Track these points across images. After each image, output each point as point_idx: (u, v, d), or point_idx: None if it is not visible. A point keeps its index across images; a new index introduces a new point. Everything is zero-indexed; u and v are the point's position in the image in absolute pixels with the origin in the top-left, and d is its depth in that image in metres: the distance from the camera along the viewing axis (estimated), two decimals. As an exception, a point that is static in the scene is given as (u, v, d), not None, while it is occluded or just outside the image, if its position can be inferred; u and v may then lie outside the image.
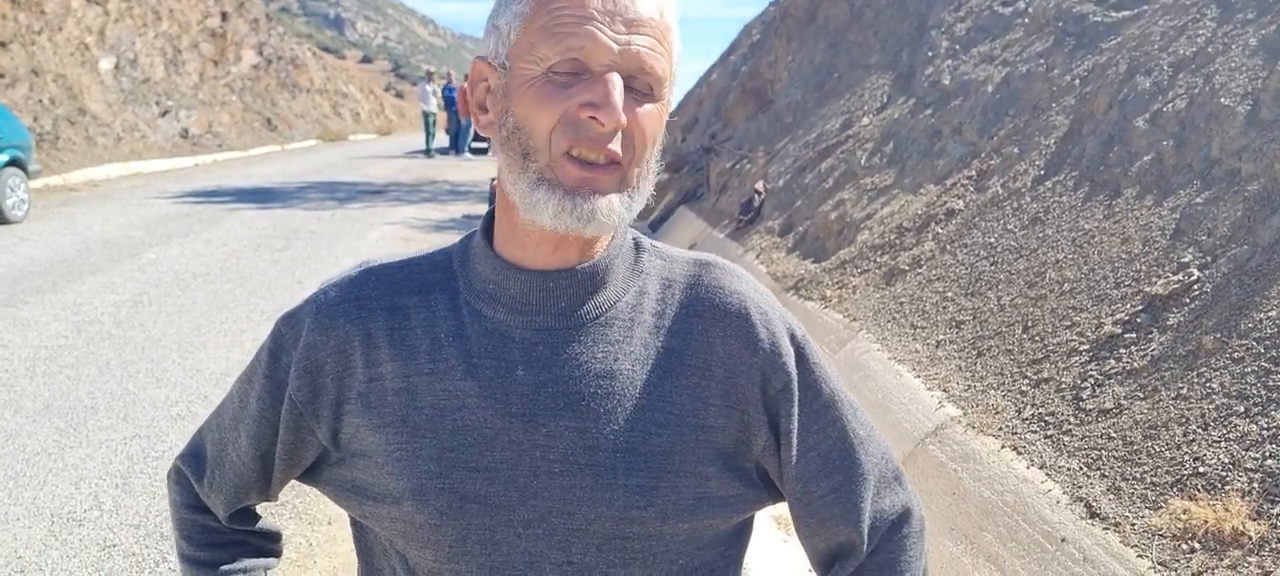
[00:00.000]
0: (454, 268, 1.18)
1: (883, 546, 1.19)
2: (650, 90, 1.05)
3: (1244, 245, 5.31)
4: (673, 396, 1.09)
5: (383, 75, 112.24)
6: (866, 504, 1.17)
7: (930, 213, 8.82)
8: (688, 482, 1.08)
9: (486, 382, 1.08)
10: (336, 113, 34.34)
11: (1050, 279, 6.51)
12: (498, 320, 1.11)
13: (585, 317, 1.10)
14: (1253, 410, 4.43)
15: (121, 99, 21.17)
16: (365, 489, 1.13)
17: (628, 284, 1.14)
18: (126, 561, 3.63)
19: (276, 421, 1.18)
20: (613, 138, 1.02)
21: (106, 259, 8.76)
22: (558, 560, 1.07)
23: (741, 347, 1.12)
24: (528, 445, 1.07)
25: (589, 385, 1.08)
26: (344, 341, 1.14)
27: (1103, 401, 5.14)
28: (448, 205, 14.17)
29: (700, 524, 1.10)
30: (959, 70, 10.80)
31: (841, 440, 1.16)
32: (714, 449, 1.10)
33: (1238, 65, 6.61)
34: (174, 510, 1.34)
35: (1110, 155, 7.15)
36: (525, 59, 1.05)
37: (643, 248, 1.19)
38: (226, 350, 6.14)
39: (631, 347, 1.10)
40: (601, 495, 1.06)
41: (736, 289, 1.15)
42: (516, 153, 1.05)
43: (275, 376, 1.18)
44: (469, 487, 1.07)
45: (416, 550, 1.11)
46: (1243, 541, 3.90)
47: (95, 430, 4.77)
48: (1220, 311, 5.04)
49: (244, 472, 1.24)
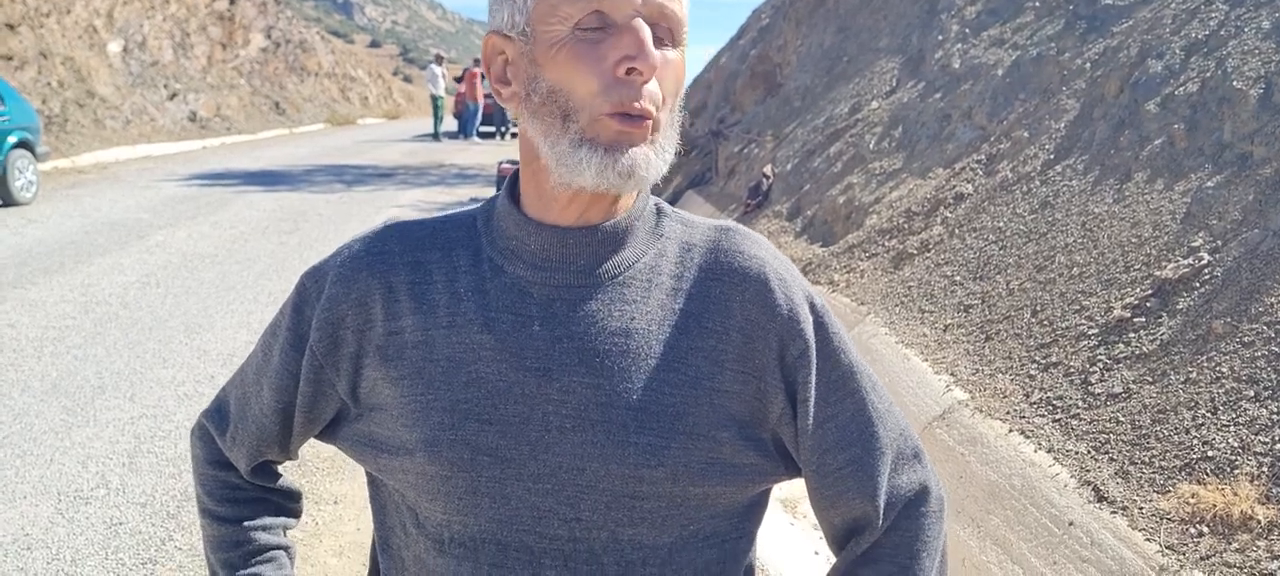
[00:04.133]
0: (478, 226, 1.17)
1: (900, 522, 1.18)
2: (670, 35, 1.04)
3: (1255, 229, 5.27)
4: (688, 357, 1.09)
5: (391, 59, 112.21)
6: (883, 478, 1.16)
7: (939, 197, 8.79)
8: (700, 445, 1.07)
9: (502, 336, 1.08)
10: (345, 97, 34.33)
11: (1059, 263, 6.48)
12: (517, 275, 1.11)
13: (603, 276, 1.10)
14: (1263, 394, 4.41)
15: (130, 82, 21.19)
16: (380, 442, 1.13)
17: (647, 245, 1.14)
18: (133, 539, 3.64)
19: (298, 374, 1.18)
20: (649, 91, 1.01)
21: (114, 241, 8.76)
22: (566, 515, 1.07)
23: (759, 312, 1.11)
24: (540, 399, 1.06)
25: (604, 342, 1.08)
26: (365, 294, 1.14)
27: (1111, 385, 5.12)
28: (455, 188, 14.16)
29: (712, 490, 1.09)
30: (969, 54, 10.75)
31: (859, 412, 1.15)
32: (728, 413, 1.09)
33: (1250, 48, 6.56)
34: (196, 465, 1.34)
35: (1121, 139, 7.10)
36: (548, 21, 1.04)
37: (664, 212, 1.19)
38: (233, 331, 6.14)
39: (648, 308, 1.10)
40: (612, 452, 1.05)
41: (756, 254, 1.14)
42: (556, 115, 1.04)
43: (298, 329, 1.18)
44: (480, 440, 1.07)
45: (427, 502, 1.11)
46: (1251, 525, 3.88)
47: (102, 409, 4.78)
48: (1231, 296, 5.01)
49: (265, 426, 1.24)
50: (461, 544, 1.10)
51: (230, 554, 1.28)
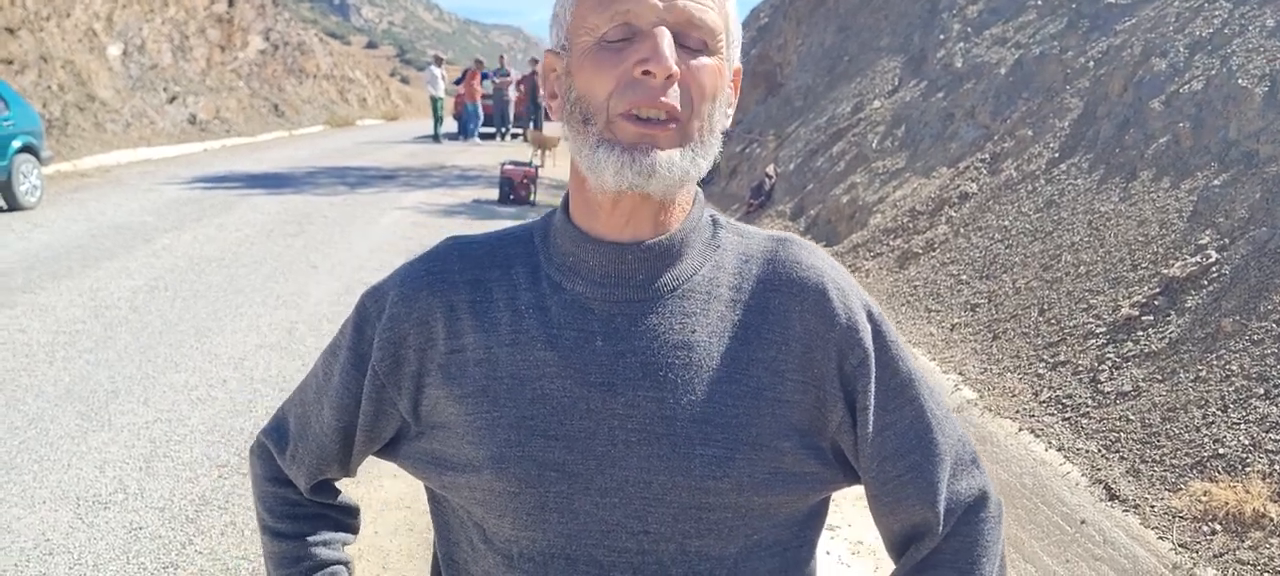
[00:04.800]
0: (535, 242, 1.19)
1: (960, 528, 1.20)
2: (704, 45, 1.06)
3: (1263, 227, 5.30)
4: (749, 369, 1.10)
5: (388, 60, 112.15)
6: (943, 484, 1.18)
7: (943, 196, 8.81)
8: (763, 456, 1.08)
9: (566, 353, 1.10)
10: (343, 98, 34.30)
11: (1066, 261, 6.50)
12: (577, 292, 1.12)
13: (663, 289, 1.12)
14: (1273, 392, 4.43)
15: (130, 85, 21.18)
16: (444, 460, 1.14)
17: (705, 257, 1.15)
18: (153, 544, 3.65)
19: (359, 393, 1.20)
20: (667, 91, 1.03)
21: (121, 244, 8.78)
22: (634, 529, 1.09)
23: (819, 322, 1.12)
24: (606, 414, 1.08)
25: (667, 356, 1.09)
26: (427, 314, 1.16)
27: (1121, 384, 5.14)
28: (458, 190, 14.16)
29: (775, 499, 1.10)
30: (971, 52, 10.76)
31: (918, 419, 1.17)
32: (789, 423, 1.10)
33: (1255, 46, 6.58)
34: (256, 483, 1.36)
35: (1126, 137, 7.13)
36: (579, 34, 1.08)
37: (720, 224, 1.20)
38: (243, 334, 6.15)
39: (708, 320, 1.11)
40: (678, 465, 1.07)
41: (814, 265, 1.15)
42: (578, 121, 1.07)
43: (359, 349, 1.20)
44: (547, 456, 1.08)
45: (495, 519, 1.12)
46: (1264, 523, 3.90)
47: (117, 414, 4.80)
48: (1239, 294, 5.04)
49: (326, 445, 1.26)
50: (531, 559, 1.12)
51: (290, 570, 1.30)
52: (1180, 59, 7.27)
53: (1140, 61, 7.72)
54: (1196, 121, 6.55)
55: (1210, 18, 7.37)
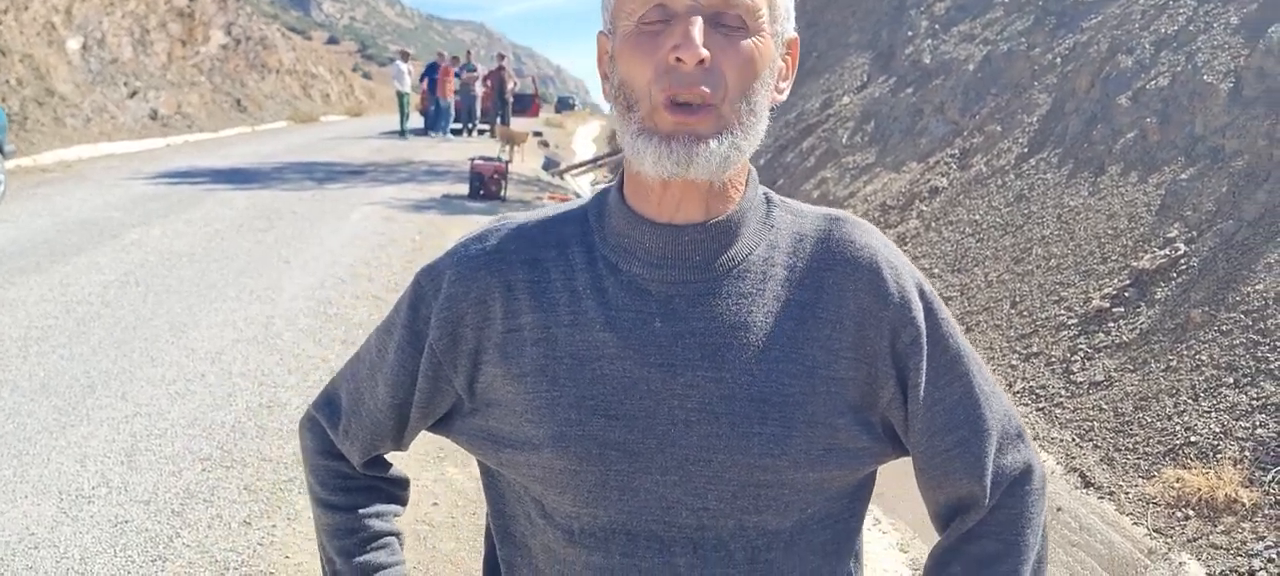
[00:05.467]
0: (589, 222, 1.20)
1: (1005, 501, 1.22)
2: (743, 23, 1.06)
3: (1230, 220, 5.42)
4: (805, 347, 1.12)
5: (350, 56, 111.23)
6: (990, 458, 1.20)
7: (914, 190, 8.91)
8: (819, 432, 1.11)
9: (625, 333, 1.11)
10: (306, 94, 34.00)
11: (1037, 255, 6.61)
12: (634, 273, 1.14)
13: (720, 270, 1.13)
14: (1242, 381, 4.54)
15: (89, 79, 20.88)
16: (501, 437, 1.16)
17: (759, 237, 1.17)
18: (140, 537, 3.63)
19: (415, 371, 1.21)
20: (702, 78, 1.04)
21: (88, 239, 8.67)
22: (694, 506, 1.11)
23: (872, 300, 1.14)
24: (666, 394, 1.10)
25: (724, 336, 1.11)
26: (484, 293, 1.17)
27: (1093, 374, 5.24)
28: (427, 186, 14.09)
29: (828, 474, 1.13)
30: (939, 49, 10.88)
31: (967, 394, 1.19)
32: (844, 400, 1.12)
33: (1220, 43, 6.72)
34: (307, 456, 1.37)
35: (1094, 133, 7.25)
36: (619, 17, 1.09)
37: (773, 202, 1.21)
38: (219, 329, 6.11)
39: (764, 299, 1.13)
40: (737, 443, 1.09)
41: (867, 243, 1.17)
42: (623, 107, 1.09)
43: (414, 327, 1.21)
44: (609, 435, 1.10)
45: (555, 495, 1.14)
46: (1236, 508, 4.00)
47: (94, 408, 4.75)
48: (1208, 285, 5.15)
49: (381, 420, 1.27)
50: (592, 534, 1.14)
51: (345, 541, 1.32)
52: (1146, 56, 7.40)
53: (1107, 58, 7.85)
54: (1163, 117, 6.68)
55: (1175, 15, 7.51)
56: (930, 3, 11.97)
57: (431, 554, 3.67)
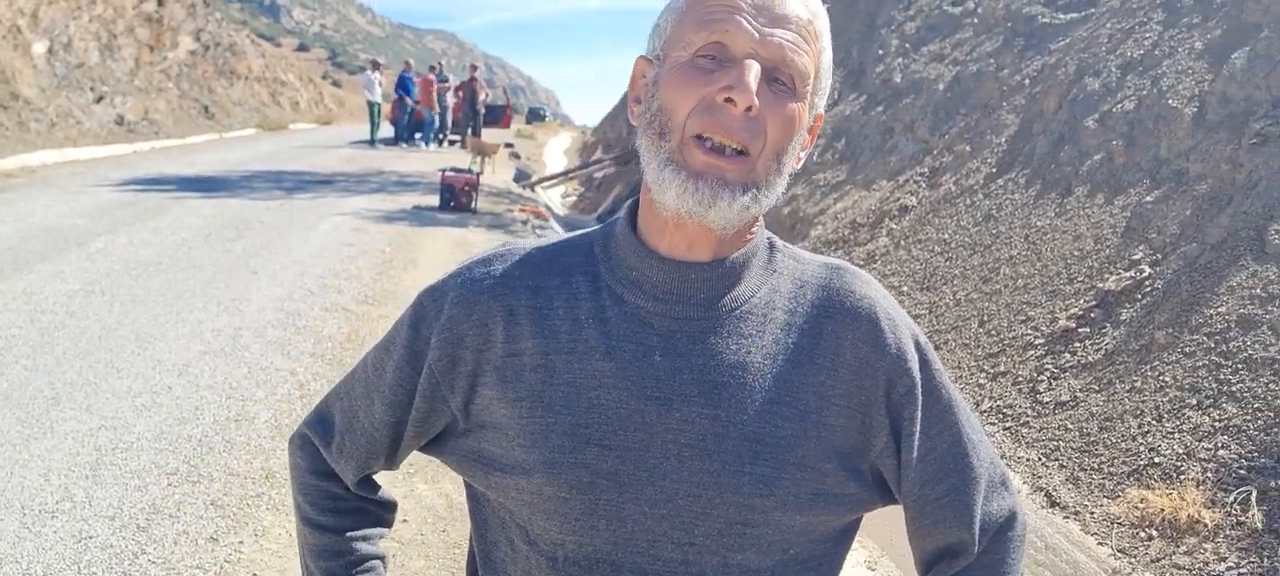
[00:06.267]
0: (595, 252, 1.22)
1: (991, 547, 1.25)
2: (792, 86, 1.08)
3: (1193, 243, 5.50)
4: (800, 392, 1.14)
5: (320, 63, 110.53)
6: (979, 505, 1.23)
7: (883, 208, 8.97)
8: (808, 476, 1.12)
9: (624, 365, 1.12)
10: (275, 101, 33.76)
11: (1004, 274, 6.67)
12: (638, 306, 1.15)
13: (722, 310, 1.15)
14: (1205, 403, 4.60)
15: (55, 84, 20.64)
16: (493, 460, 1.17)
17: (762, 281, 1.19)
18: (104, 553, 3.58)
19: (413, 389, 1.22)
20: (744, 126, 1.05)
21: (53, 247, 8.56)
22: (680, 540, 1.12)
23: (869, 350, 1.16)
24: (660, 428, 1.11)
25: (722, 375, 1.12)
26: (486, 316, 1.19)
27: (1059, 394, 5.30)
28: (397, 196, 14.04)
29: (814, 518, 1.15)
30: (910, 68, 10.98)
31: (956, 443, 1.22)
32: (834, 446, 1.14)
33: (1184, 68, 6.82)
34: (297, 475, 1.37)
35: (1061, 154, 7.34)
36: (676, 46, 1.11)
37: (776, 248, 1.23)
38: (186, 341, 6.05)
39: (763, 342, 1.15)
40: (727, 481, 1.10)
41: (867, 294, 1.19)
42: (655, 133, 1.10)
43: (415, 346, 1.22)
44: (601, 464, 1.11)
45: (542, 520, 1.15)
46: (1198, 529, 4.06)
47: (58, 420, 4.69)
48: (1172, 307, 5.22)
49: (376, 439, 1.28)
50: (577, 563, 1.15)
51: (331, 563, 1.33)
52: (1113, 79, 7.50)
53: (1074, 80, 7.95)
54: (1129, 140, 6.77)
55: (1141, 40, 7.62)
56: (901, 22, 12.08)
57: (401, 571, 3.65)
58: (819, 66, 1.14)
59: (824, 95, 1.18)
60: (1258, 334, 4.66)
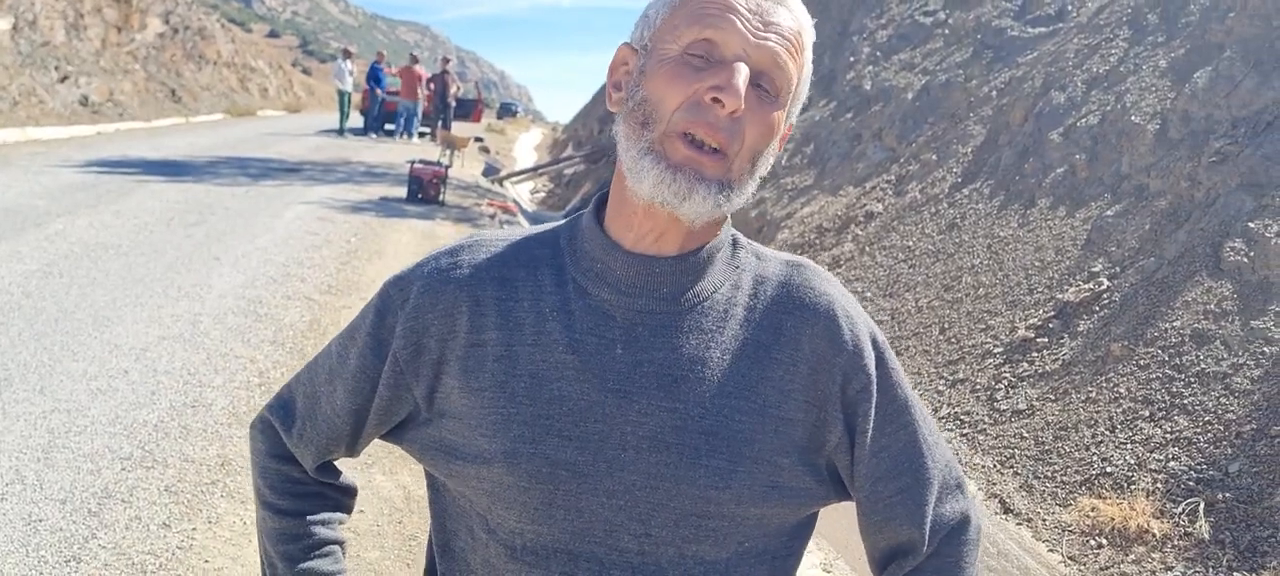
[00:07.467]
0: (562, 245, 1.23)
1: (942, 549, 1.26)
2: (775, 93, 1.10)
3: (1151, 258, 5.58)
4: (758, 387, 1.15)
5: (290, 51, 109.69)
6: (930, 506, 1.24)
7: (850, 214, 9.03)
8: (764, 470, 1.14)
9: (586, 357, 1.14)
10: (244, 87, 33.48)
11: (966, 283, 6.74)
12: (601, 299, 1.16)
13: (685, 305, 1.16)
14: (1157, 415, 4.67)
15: (19, 62, 20.35)
16: (454, 449, 1.18)
17: (725, 276, 1.20)
18: (54, 537, 3.54)
19: (376, 377, 1.23)
20: (727, 127, 1.07)
21: (10, 227, 8.44)
22: (636, 531, 1.13)
23: (827, 346, 1.17)
24: (620, 420, 1.12)
25: (682, 368, 1.14)
26: (452, 306, 1.19)
27: (1016, 402, 5.35)
28: (364, 187, 13.95)
29: (770, 511, 1.16)
30: (880, 76, 11.05)
31: (912, 443, 1.23)
32: (792, 440, 1.16)
33: (1148, 85, 6.92)
34: (257, 459, 1.37)
35: (1026, 166, 7.42)
36: (666, 39, 1.11)
37: (739, 244, 1.24)
38: (144, 325, 5.98)
39: (724, 337, 1.16)
40: (684, 473, 1.11)
41: (826, 291, 1.21)
42: (637, 122, 1.11)
43: (379, 334, 1.23)
44: (560, 455, 1.12)
45: (501, 510, 1.16)
46: (1147, 538, 4.12)
47: (11, 402, 4.63)
48: (1128, 320, 5.29)
49: (337, 426, 1.28)
50: (534, 552, 1.16)
51: (289, 547, 1.33)
52: (1078, 93, 7.59)
53: (1041, 94, 8.04)
54: (1092, 154, 6.85)
55: (1107, 56, 7.71)
56: (873, 30, 12.15)
57: (356, 562, 3.63)
58: (801, 78, 1.15)
59: (799, 106, 1.20)
60: (1210, 348, 4.74)
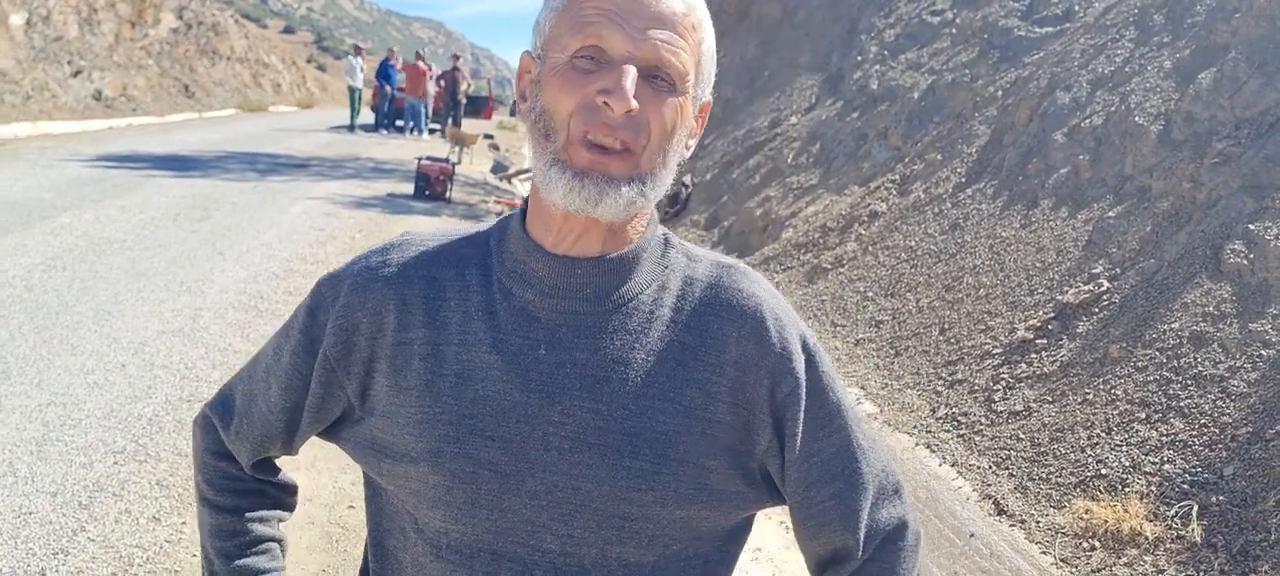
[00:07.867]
0: (490, 246, 1.23)
1: (878, 555, 1.25)
2: (672, 84, 1.10)
3: (1151, 259, 5.55)
4: (683, 388, 1.14)
5: (305, 47, 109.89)
6: (864, 512, 1.23)
7: (854, 214, 9.00)
8: (689, 472, 1.13)
9: (510, 358, 1.14)
10: (257, 83, 33.58)
11: (967, 283, 6.71)
12: (526, 300, 1.16)
13: (609, 306, 1.16)
14: (1153, 417, 4.64)
15: (32, 56, 20.45)
16: (384, 447, 1.18)
17: (652, 277, 1.19)
18: (43, 529, 3.56)
19: (309, 375, 1.23)
20: (626, 125, 1.07)
21: (16, 220, 8.49)
22: (559, 532, 1.13)
23: (754, 349, 1.17)
24: (542, 420, 1.12)
25: (606, 369, 1.13)
26: (380, 305, 1.19)
27: (1013, 403, 5.33)
28: (372, 183, 13.98)
29: (697, 513, 1.15)
30: (887, 75, 11.01)
31: (844, 447, 1.22)
32: (719, 443, 1.15)
33: (1152, 86, 6.88)
34: (197, 455, 1.38)
35: (1029, 166, 7.38)
36: (554, 48, 1.12)
37: (670, 244, 1.24)
38: (144, 320, 6.01)
39: (649, 338, 1.16)
40: (606, 475, 1.11)
41: (754, 293, 1.20)
42: (540, 134, 1.12)
43: (311, 332, 1.23)
44: (483, 454, 1.12)
45: (427, 509, 1.16)
46: (1140, 541, 4.09)
47: (8, 395, 4.65)
48: (1127, 322, 5.26)
49: (271, 423, 1.28)
50: (457, 551, 1.16)
51: (226, 543, 1.33)
52: (1083, 94, 7.55)
53: (1046, 94, 8.00)
54: (1095, 155, 6.81)
55: (1112, 56, 7.67)
56: (881, 29, 12.12)
57: (343, 558, 3.64)
58: (699, 57, 1.16)
59: (708, 83, 1.21)
60: (1208, 351, 4.71)
